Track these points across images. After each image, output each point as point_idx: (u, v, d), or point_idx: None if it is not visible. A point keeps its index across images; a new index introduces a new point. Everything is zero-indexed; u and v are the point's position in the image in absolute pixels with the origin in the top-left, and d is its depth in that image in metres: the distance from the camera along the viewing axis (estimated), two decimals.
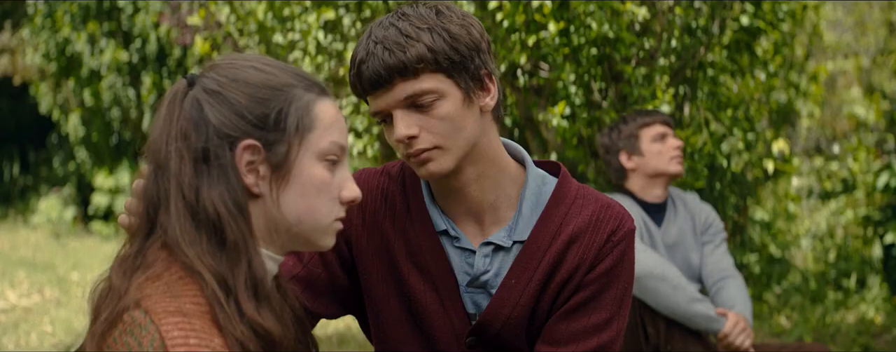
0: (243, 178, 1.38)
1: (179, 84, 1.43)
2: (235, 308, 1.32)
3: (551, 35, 4.23)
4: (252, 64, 1.43)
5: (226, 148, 1.37)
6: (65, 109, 10.07)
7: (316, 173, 1.42)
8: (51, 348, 4.96)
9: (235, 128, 1.37)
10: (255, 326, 1.32)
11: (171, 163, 1.36)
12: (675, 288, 2.99)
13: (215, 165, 1.36)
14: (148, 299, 1.30)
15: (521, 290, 1.82)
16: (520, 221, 1.84)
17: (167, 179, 1.36)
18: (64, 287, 6.69)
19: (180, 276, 1.33)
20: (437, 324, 1.86)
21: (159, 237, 1.36)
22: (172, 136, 1.37)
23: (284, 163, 1.40)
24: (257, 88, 1.40)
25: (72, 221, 10.24)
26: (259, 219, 1.41)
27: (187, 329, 1.27)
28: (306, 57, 5.03)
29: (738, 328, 2.99)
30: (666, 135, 3.32)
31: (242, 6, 5.35)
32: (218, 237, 1.35)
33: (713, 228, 3.38)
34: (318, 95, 1.45)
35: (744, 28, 4.78)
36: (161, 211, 1.36)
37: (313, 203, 1.42)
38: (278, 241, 1.44)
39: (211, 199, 1.35)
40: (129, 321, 1.28)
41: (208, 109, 1.38)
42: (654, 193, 3.33)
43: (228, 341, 1.29)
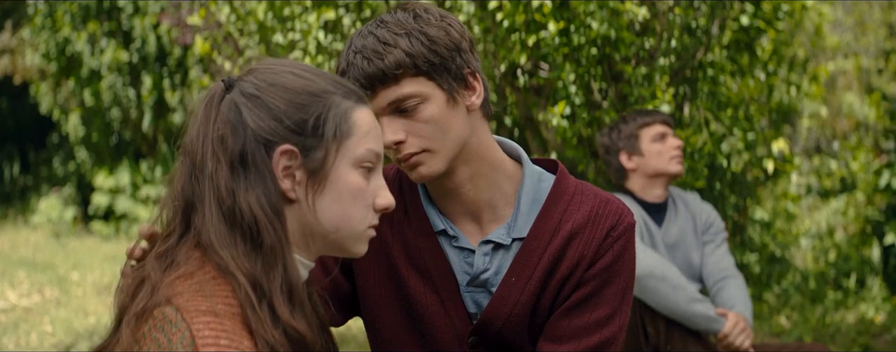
0: (280, 182, 1.38)
1: (217, 86, 1.43)
2: (269, 312, 1.32)
3: (551, 35, 4.23)
4: (291, 69, 1.44)
5: (263, 152, 1.37)
6: (65, 108, 10.07)
7: (352, 180, 1.42)
8: (51, 348, 4.96)
9: (273, 132, 1.38)
10: (289, 330, 1.33)
11: (208, 165, 1.36)
12: (675, 288, 2.99)
13: (252, 169, 1.37)
14: (180, 296, 1.30)
15: (522, 287, 1.82)
16: (518, 219, 1.83)
17: (203, 181, 1.37)
18: (64, 287, 6.69)
19: (213, 276, 1.34)
20: (438, 325, 1.86)
21: (193, 238, 1.37)
22: (209, 138, 1.38)
23: (321, 169, 1.40)
24: (296, 93, 1.41)
25: (72, 221, 10.23)
26: (293, 224, 1.41)
27: (218, 330, 1.27)
28: (306, 57, 5.02)
29: (737, 329, 2.99)
30: (666, 135, 3.32)
31: (243, 6, 5.35)
32: (253, 241, 1.35)
33: (714, 227, 3.37)
34: (357, 102, 1.45)
35: (743, 28, 4.78)
36: (196, 212, 1.37)
37: (348, 210, 1.42)
38: (312, 246, 1.44)
39: (248, 202, 1.35)
40: (159, 317, 1.28)
41: (246, 113, 1.38)
42: (654, 193, 3.33)
43: (259, 343, 1.30)
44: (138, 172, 9.67)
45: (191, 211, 1.38)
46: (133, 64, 9.26)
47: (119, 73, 9.25)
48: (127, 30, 9.27)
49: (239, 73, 1.46)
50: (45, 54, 9.58)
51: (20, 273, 7.25)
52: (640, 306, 3.06)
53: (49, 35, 9.48)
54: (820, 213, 7.10)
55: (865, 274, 5.72)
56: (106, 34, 9.26)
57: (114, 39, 9.25)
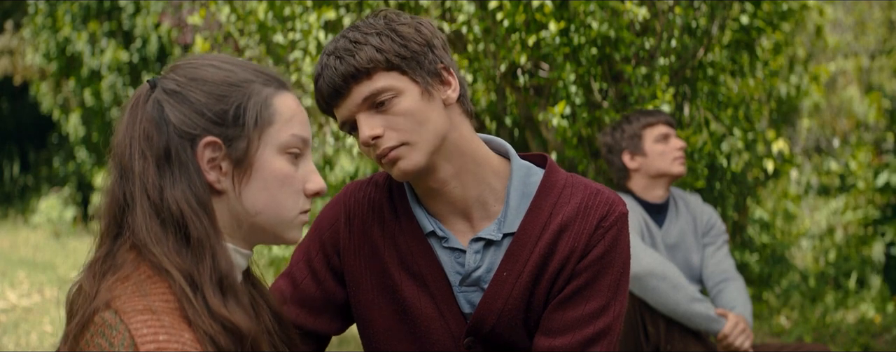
0: (205, 175, 1.40)
1: (142, 87, 1.44)
2: (203, 303, 1.33)
3: (552, 35, 4.22)
4: (210, 62, 1.45)
5: (187, 146, 1.39)
6: (65, 108, 10.06)
7: (278, 167, 1.43)
8: (51, 348, 4.96)
9: (195, 126, 1.39)
10: (222, 320, 1.34)
11: (135, 164, 1.38)
12: (676, 288, 2.99)
13: (177, 164, 1.38)
14: (117, 299, 1.31)
15: (513, 282, 1.81)
16: (508, 214, 1.83)
17: (132, 181, 1.38)
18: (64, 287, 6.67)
19: (149, 275, 1.35)
20: (432, 327, 1.85)
21: (128, 239, 1.38)
22: (135, 138, 1.39)
23: (245, 158, 1.41)
24: (215, 85, 1.42)
25: (72, 221, 10.23)
26: (224, 214, 1.42)
27: (156, 326, 1.28)
28: (307, 57, 5.02)
29: (738, 329, 2.98)
30: (669, 135, 3.31)
31: (243, 6, 5.35)
32: (183, 235, 1.36)
33: (715, 229, 3.37)
34: (277, 88, 1.46)
35: (743, 28, 4.78)
36: (128, 213, 1.38)
37: (276, 196, 1.43)
38: (245, 235, 1.45)
39: (174, 197, 1.36)
40: (100, 322, 1.29)
41: (168, 109, 1.40)
42: (655, 194, 3.32)
43: (198, 335, 1.31)
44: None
45: (123, 213, 1.39)
46: (133, 64, 9.26)
47: (119, 73, 9.25)
48: (127, 30, 9.26)
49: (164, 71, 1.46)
50: (46, 54, 9.58)
51: (20, 273, 7.24)
52: (640, 306, 3.05)
53: (49, 35, 9.48)
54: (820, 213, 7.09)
55: (866, 274, 5.71)
56: (106, 34, 9.25)
57: (114, 39, 9.25)
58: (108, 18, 9.28)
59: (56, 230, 10.04)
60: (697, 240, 3.34)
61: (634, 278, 3.00)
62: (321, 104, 1.77)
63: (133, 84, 9.35)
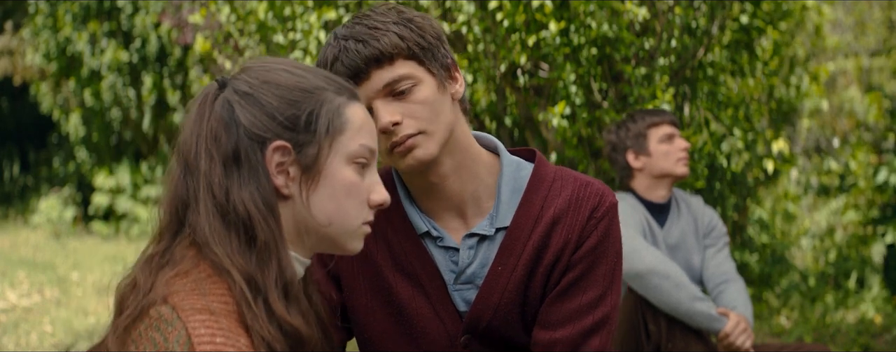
0: (273, 179, 1.39)
1: (210, 86, 1.44)
2: (264, 308, 1.33)
3: (552, 35, 4.22)
4: (283, 67, 1.45)
5: (256, 149, 1.38)
6: (65, 108, 10.06)
7: (346, 176, 1.43)
8: (51, 348, 4.95)
9: (266, 129, 1.39)
10: (284, 325, 1.33)
11: (202, 163, 1.37)
12: (678, 286, 2.98)
13: (246, 166, 1.37)
14: (175, 295, 1.30)
15: (509, 276, 1.82)
16: (500, 209, 1.83)
17: (197, 179, 1.37)
18: (64, 287, 6.68)
19: (208, 274, 1.34)
20: (428, 328, 1.85)
21: (188, 236, 1.37)
22: (203, 136, 1.38)
23: (315, 165, 1.40)
24: (288, 90, 1.41)
25: (72, 222, 10.23)
26: (288, 220, 1.41)
27: (214, 328, 1.28)
28: (307, 57, 5.02)
29: (739, 328, 2.98)
30: (673, 135, 3.31)
31: (243, 6, 5.35)
32: (248, 237, 1.36)
33: (716, 231, 3.37)
34: (349, 98, 1.46)
35: (743, 27, 4.78)
36: (190, 210, 1.37)
37: (343, 205, 1.43)
38: (307, 243, 1.44)
39: (241, 199, 1.36)
40: (155, 316, 1.28)
41: (239, 111, 1.39)
42: (658, 194, 3.32)
43: (255, 340, 1.30)
44: (138, 172, 9.66)
45: (185, 210, 1.38)
46: (133, 64, 9.25)
47: (119, 74, 9.24)
48: (127, 30, 9.26)
49: (234, 72, 1.45)
50: (45, 54, 9.57)
51: (20, 273, 7.24)
52: (641, 304, 3.05)
53: (50, 35, 9.47)
54: (820, 212, 7.09)
55: (865, 274, 5.71)
56: (106, 34, 9.25)
57: (114, 39, 9.24)
58: (108, 18, 9.27)
59: (56, 230, 10.03)
60: (698, 241, 3.34)
61: (637, 276, 3.00)
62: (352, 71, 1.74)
63: (133, 84, 9.34)
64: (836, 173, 6.19)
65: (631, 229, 3.12)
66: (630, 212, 3.20)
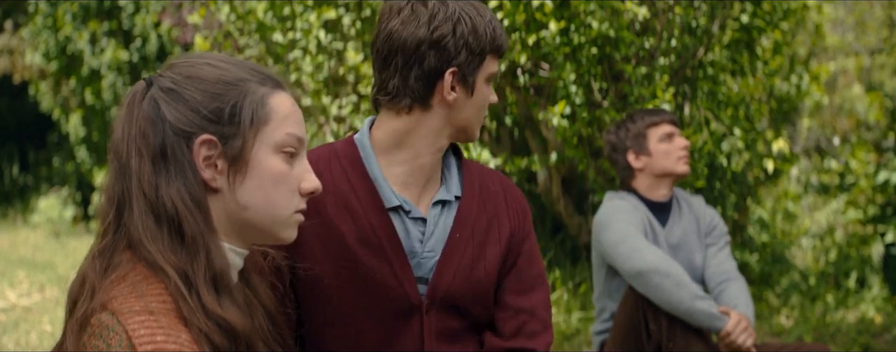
0: (201, 172, 1.40)
1: (138, 85, 1.45)
2: (197, 301, 1.34)
3: (552, 34, 4.22)
4: (207, 61, 1.45)
5: (183, 144, 1.39)
6: (65, 108, 10.06)
7: (273, 165, 1.43)
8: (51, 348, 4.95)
9: (191, 124, 1.40)
10: (216, 318, 1.34)
11: (132, 162, 1.38)
12: (679, 285, 2.97)
13: (173, 162, 1.38)
14: (114, 301, 1.31)
15: (466, 242, 1.94)
16: (451, 179, 1.96)
17: (129, 178, 1.38)
18: (64, 287, 6.66)
19: (145, 275, 1.35)
20: (392, 297, 1.89)
21: (125, 236, 1.38)
22: (132, 135, 1.39)
23: (241, 156, 1.41)
24: (211, 83, 1.42)
25: (72, 221, 10.23)
26: (219, 213, 1.42)
27: (154, 327, 1.29)
28: (307, 56, 5.02)
29: (740, 327, 2.97)
30: (673, 134, 3.29)
31: (242, 5, 5.34)
32: (178, 232, 1.37)
33: (717, 230, 3.36)
34: (273, 88, 1.46)
35: (744, 27, 4.78)
36: (125, 210, 1.39)
37: (271, 195, 1.43)
38: (241, 234, 1.45)
39: (169, 195, 1.37)
40: (97, 325, 1.29)
41: (165, 107, 1.40)
42: (659, 193, 3.31)
43: (194, 334, 1.31)
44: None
45: (121, 210, 1.39)
46: (133, 63, 9.25)
47: (119, 73, 9.24)
48: (127, 29, 9.25)
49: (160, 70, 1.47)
50: (45, 54, 9.57)
51: (20, 273, 7.23)
52: (642, 303, 3.03)
53: (49, 34, 9.47)
54: (820, 212, 7.08)
55: (866, 273, 5.70)
56: (106, 33, 9.24)
57: (114, 39, 9.24)
58: (108, 18, 9.26)
59: (56, 230, 10.03)
60: (700, 240, 3.33)
61: (638, 274, 2.99)
62: (497, 48, 1.92)
63: (133, 83, 9.33)
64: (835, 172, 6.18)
65: (632, 228, 3.12)
66: (632, 211, 3.19)
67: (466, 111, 1.92)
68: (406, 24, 1.87)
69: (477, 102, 1.93)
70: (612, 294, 3.25)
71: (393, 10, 1.91)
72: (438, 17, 1.86)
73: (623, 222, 3.14)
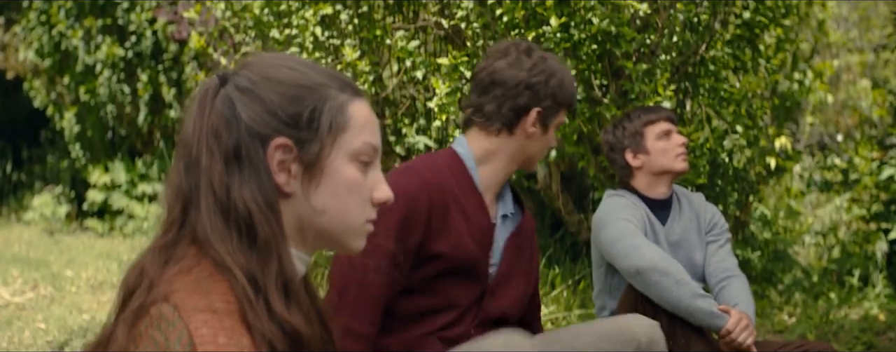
0: (275, 176, 1.37)
1: (211, 81, 1.42)
2: (265, 307, 1.32)
3: (552, 30, 4.20)
4: (285, 63, 1.43)
5: (258, 146, 1.37)
6: (59, 105, 10.02)
7: (348, 174, 1.41)
8: (45, 345, 4.92)
9: (268, 126, 1.37)
10: (284, 324, 1.32)
11: (202, 160, 1.36)
12: (678, 283, 2.97)
13: (247, 163, 1.36)
14: (177, 293, 1.29)
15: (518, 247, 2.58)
16: (507, 195, 2.59)
17: (198, 176, 1.36)
18: (58, 284, 6.64)
19: (210, 272, 1.32)
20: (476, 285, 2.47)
21: (190, 232, 1.36)
22: (203, 132, 1.37)
23: (317, 162, 1.39)
24: (290, 86, 1.40)
25: (65, 218, 10.19)
26: (289, 218, 1.40)
27: (217, 327, 1.27)
28: (303, 52, 4.99)
29: (741, 325, 2.96)
30: (670, 131, 3.29)
31: (238, 2, 5.32)
32: (249, 235, 1.35)
33: (718, 227, 3.35)
34: (352, 95, 1.44)
35: (746, 23, 4.76)
36: (191, 207, 1.36)
37: (345, 204, 1.41)
38: (308, 241, 1.43)
39: (242, 196, 1.34)
40: (156, 315, 1.27)
41: (240, 107, 1.37)
42: (658, 190, 3.30)
43: (256, 339, 1.29)
44: (134, 168, 9.61)
45: (187, 205, 1.37)
46: (128, 60, 9.21)
47: (114, 70, 9.19)
48: (122, 25, 9.21)
49: (234, 67, 1.44)
50: (39, 50, 9.52)
51: (13, 270, 7.20)
52: (642, 301, 3.03)
53: (43, 31, 9.43)
54: (823, 209, 7.07)
55: (869, 271, 5.68)
56: (101, 30, 9.20)
57: (108, 35, 9.19)
58: (102, 14, 9.22)
59: (49, 227, 9.99)
60: (700, 238, 3.33)
61: (637, 273, 2.99)
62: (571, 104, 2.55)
63: (127, 80, 9.30)
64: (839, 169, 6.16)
65: (632, 226, 3.12)
66: (631, 209, 3.20)
67: (536, 146, 2.51)
68: (511, 66, 2.44)
69: (545, 140, 2.52)
70: (612, 292, 3.25)
71: (500, 52, 2.48)
72: (538, 67, 2.44)
73: (622, 220, 3.13)
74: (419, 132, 5.98)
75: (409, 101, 5.62)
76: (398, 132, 5.72)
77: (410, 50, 4.82)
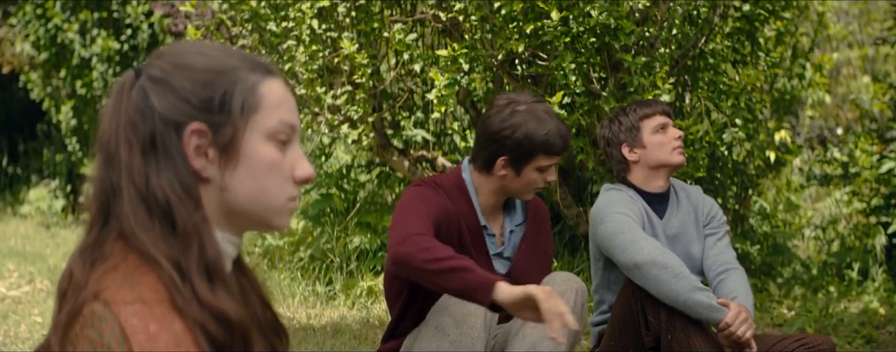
0: (192, 162, 1.37)
1: (127, 75, 1.43)
2: (191, 291, 1.32)
3: (553, 23, 4.19)
4: (197, 50, 1.44)
5: (172, 134, 1.37)
6: (55, 98, 9.99)
7: (265, 153, 1.41)
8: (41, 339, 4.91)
9: (181, 113, 1.37)
10: (210, 307, 1.32)
11: (121, 152, 1.36)
12: (677, 277, 2.96)
13: (163, 152, 1.36)
14: (106, 290, 1.29)
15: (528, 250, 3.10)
16: (517, 210, 3.11)
17: (118, 169, 1.36)
18: (54, 278, 6.62)
19: (137, 265, 1.33)
20: None
21: (115, 227, 1.36)
22: (120, 125, 1.37)
23: (232, 144, 1.39)
24: (201, 71, 1.40)
25: (62, 212, 10.17)
26: (212, 202, 1.40)
27: (147, 317, 1.27)
28: (300, 45, 4.98)
29: (740, 319, 2.95)
30: (666, 125, 3.28)
31: None
32: (169, 223, 1.35)
33: (716, 220, 3.35)
34: (264, 75, 1.44)
35: (745, 16, 4.75)
36: (114, 201, 1.37)
37: (264, 183, 1.41)
38: (234, 223, 1.44)
39: (160, 185, 1.35)
40: (89, 315, 1.27)
41: (153, 97, 1.38)
42: (656, 184, 3.30)
43: (188, 324, 1.30)
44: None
45: (109, 201, 1.37)
46: (124, 53, 9.18)
47: (110, 63, 9.17)
48: (118, 18, 9.18)
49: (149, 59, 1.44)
50: (35, 43, 9.49)
51: (10, 264, 7.19)
52: (640, 295, 3.03)
53: (39, 24, 9.39)
54: (823, 203, 7.05)
55: (869, 265, 5.67)
56: (97, 23, 9.17)
57: (105, 29, 9.16)
58: (98, 7, 9.19)
59: (46, 221, 9.97)
60: (698, 231, 3.32)
61: (635, 267, 2.99)
62: (564, 149, 2.92)
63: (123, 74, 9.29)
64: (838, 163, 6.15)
65: (630, 220, 3.12)
66: (629, 203, 3.20)
67: (515, 184, 2.93)
68: (493, 117, 2.86)
69: (523, 181, 2.91)
70: (610, 286, 3.26)
71: (498, 104, 2.90)
72: (508, 121, 2.81)
73: (620, 214, 3.13)
74: (417, 125, 5.96)
75: (407, 94, 5.61)
76: (396, 125, 5.71)
77: (408, 43, 4.80)
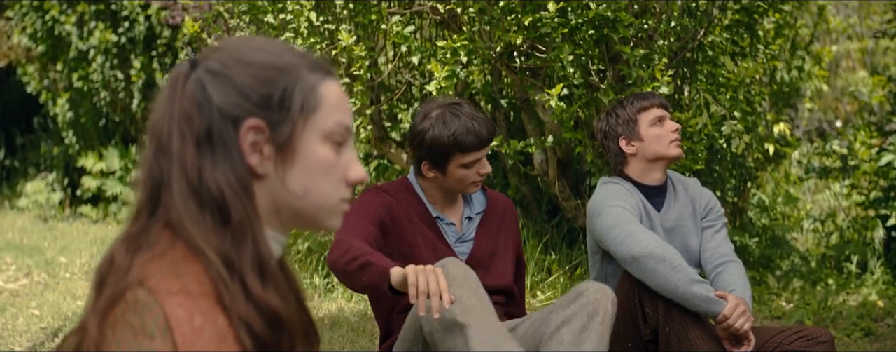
0: (247, 158, 1.37)
1: (182, 66, 1.42)
2: (241, 287, 1.31)
3: (551, 14, 4.18)
4: (256, 45, 1.43)
5: (230, 128, 1.36)
6: (52, 91, 9.97)
7: (321, 153, 1.41)
8: (39, 332, 4.91)
9: (239, 107, 1.37)
10: (261, 305, 1.32)
11: (174, 143, 1.35)
12: (675, 269, 2.96)
13: (219, 146, 1.36)
14: (152, 278, 1.28)
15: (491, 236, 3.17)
16: (475, 200, 3.20)
17: (169, 159, 1.35)
18: (51, 271, 6.62)
19: (184, 255, 1.32)
20: None
21: (163, 217, 1.35)
22: (174, 116, 1.37)
23: (289, 143, 1.39)
24: (261, 68, 1.39)
25: (59, 205, 10.16)
26: (263, 199, 1.40)
27: (192, 309, 1.27)
28: (298, 37, 4.96)
29: (738, 311, 2.96)
30: (664, 118, 3.29)
31: None
32: (222, 217, 1.34)
33: (714, 212, 3.35)
34: (324, 75, 1.44)
35: (744, 8, 4.74)
36: (164, 191, 1.35)
37: (318, 183, 1.41)
38: (284, 221, 1.43)
39: (215, 179, 1.34)
40: (131, 300, 1.26)
41: (212, 90, 1.37)
42: (653, 177, 3.30)
43: (232, 320, 1.29)
44: (128, 155, 9.58)
45: (159, 191, 1.36)
46: (121, 46, 9.16)
47: (107, 55, 9.15)
48: (115, 11, 9.15)
49: (205, 52, 1.43)
50: (32, 36, 9.47)
51: (7, 257, 7.18)
52: (638, 287, 3.03)
53: (36, 16, 9.37)
54: (822, 195, 7.05)
55: (867, 257, 5.67)
56: (94, 16, 9.14)
57: (102, 21, 9.14)
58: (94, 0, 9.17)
59: (43, 214, 9.96)
60: (696, 223, 3.32)
61: (633, 259, 2.99)
62: (479, 144, 2.95)
63: (121, 66, 9.26)
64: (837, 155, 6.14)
65: (627, 213, 3.11)
66: (626, 196, 3.20)
67: (447, 182, 3.05)
68: (412, 127, 3.02)
69: (452, 178, 3.02)
70: (608, 279, 3.26)
71: (418, 112, 3.05)
72: (418, 127, 2.97)
73: (617, 207, 3.13)
74: None
75: (405, 86, 5.59)
76: (394, 117, 5.70)
77: (406, 35, 4.79)
